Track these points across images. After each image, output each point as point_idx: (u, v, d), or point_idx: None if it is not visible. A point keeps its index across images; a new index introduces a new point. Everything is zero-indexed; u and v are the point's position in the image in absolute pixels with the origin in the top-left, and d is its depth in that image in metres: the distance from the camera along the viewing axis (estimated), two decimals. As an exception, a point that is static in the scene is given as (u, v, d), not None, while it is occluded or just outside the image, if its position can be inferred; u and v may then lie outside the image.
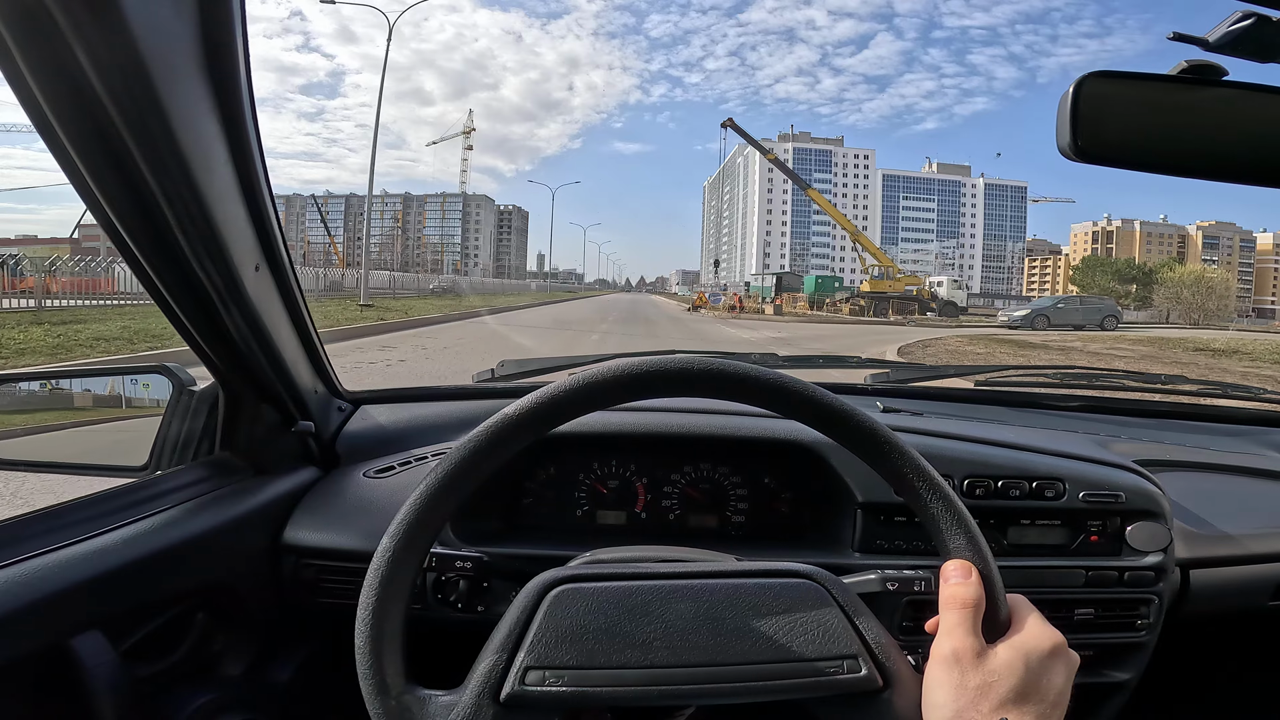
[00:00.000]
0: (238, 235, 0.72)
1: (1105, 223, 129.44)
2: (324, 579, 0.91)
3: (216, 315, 0.77)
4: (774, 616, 0.56)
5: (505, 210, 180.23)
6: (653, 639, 0.55)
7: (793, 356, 1.44)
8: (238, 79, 0.64)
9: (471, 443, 0.56)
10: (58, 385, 1.09)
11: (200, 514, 0.83)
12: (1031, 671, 0.52)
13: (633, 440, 1.01)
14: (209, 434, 0.94)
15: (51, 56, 0.51)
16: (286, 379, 0.92)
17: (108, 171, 0.61)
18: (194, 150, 0.62)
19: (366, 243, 24.22)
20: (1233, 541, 1.05)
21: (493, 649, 0.54)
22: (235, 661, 0.91)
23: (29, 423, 1.05)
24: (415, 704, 0.53)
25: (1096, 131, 0.68)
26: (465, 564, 0.76)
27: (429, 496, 0.56)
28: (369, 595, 0.54)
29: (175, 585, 0.80)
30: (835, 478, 0.94)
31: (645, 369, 0.57)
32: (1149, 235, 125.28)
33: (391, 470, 1.02)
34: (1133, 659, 0.98)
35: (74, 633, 0.69)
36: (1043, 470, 0.96)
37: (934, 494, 0.57)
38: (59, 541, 0.69)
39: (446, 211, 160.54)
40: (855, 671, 0.55)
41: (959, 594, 0.55)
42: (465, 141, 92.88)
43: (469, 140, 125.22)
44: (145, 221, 0.65)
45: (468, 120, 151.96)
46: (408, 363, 8.09)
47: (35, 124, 0.57)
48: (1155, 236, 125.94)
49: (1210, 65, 0.70)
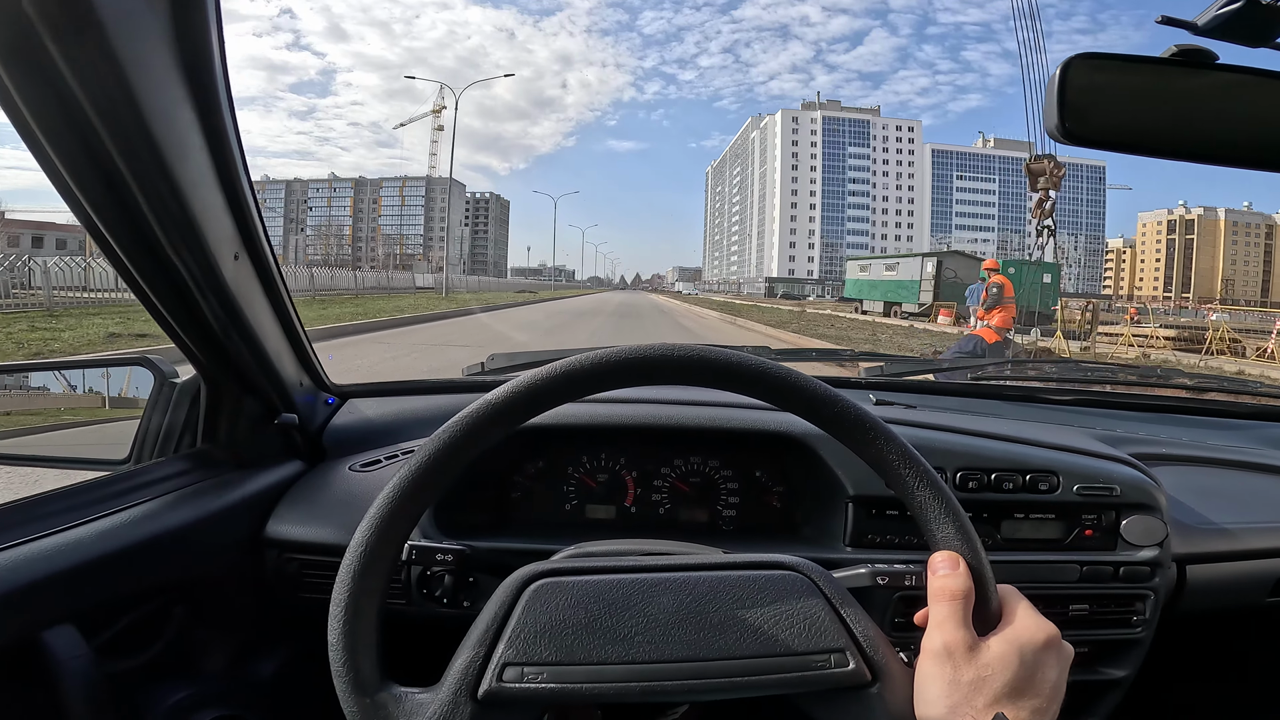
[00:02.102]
0: (215, 223, 0.72)
1: (1183, 210, 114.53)
2: (307, 574, 0.90)
3: (195, 305, 0.77)
4: (758, 609, 0.55)
5: (480, 198, 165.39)
6: (634, 633, 0.54)
7: (785, 350, 1.43)
8: (212, 66, 0.63)
9: (447, 434, 0.55)
10: (37, 379, 1.08)
11: (179, 507, 0.82)
12: (1026, 665, 0.51)
13: (622, 432, 1.00)
14: (191, 427, 0.93)
15: (19, 40, 0.51)
16: (269, 371, 0.91)
17: (80, 158, 0.60)
18: (167, 136, 0.61)
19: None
20: (1230, 537, 1.03)
21: (470, 645, 0.53)
22: (216, 657, 0.90)
23: (8, 416, 1.04)
24: (391, 702, 0.52)
25: (1084, 114, 0.68)
26: (447, 556, 0.75)
27: (403, 489, 0.55)
28: (342, 591, 0.53)
29: (152, 579, 0.78)
30: (827, 471, 0.93)
31: (625, 357, 0.56)
32: (1234, 225, 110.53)
33: (378, 464, 1.01)
34: (1128, 656, 0.97)
35: (45, 626, 0.68)
36: (1036, 463, 0.95)
37: (921, 481, 0.55)
38: (32, 533, 0.68)
39: (407, 198, 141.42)
40: (843, 665, 0.54)
41: (948, 586, 0.54)
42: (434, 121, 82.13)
43: (438, 120, 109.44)
44: (119, 209, 0.65)
45: (437, 97, 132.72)
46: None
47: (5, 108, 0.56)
48: (1240, 226, 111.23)
49: (1200, 50, 0.69)
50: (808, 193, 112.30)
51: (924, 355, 8.14)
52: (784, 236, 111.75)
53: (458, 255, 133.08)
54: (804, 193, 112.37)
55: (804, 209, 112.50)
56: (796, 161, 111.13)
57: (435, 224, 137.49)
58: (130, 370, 0.98)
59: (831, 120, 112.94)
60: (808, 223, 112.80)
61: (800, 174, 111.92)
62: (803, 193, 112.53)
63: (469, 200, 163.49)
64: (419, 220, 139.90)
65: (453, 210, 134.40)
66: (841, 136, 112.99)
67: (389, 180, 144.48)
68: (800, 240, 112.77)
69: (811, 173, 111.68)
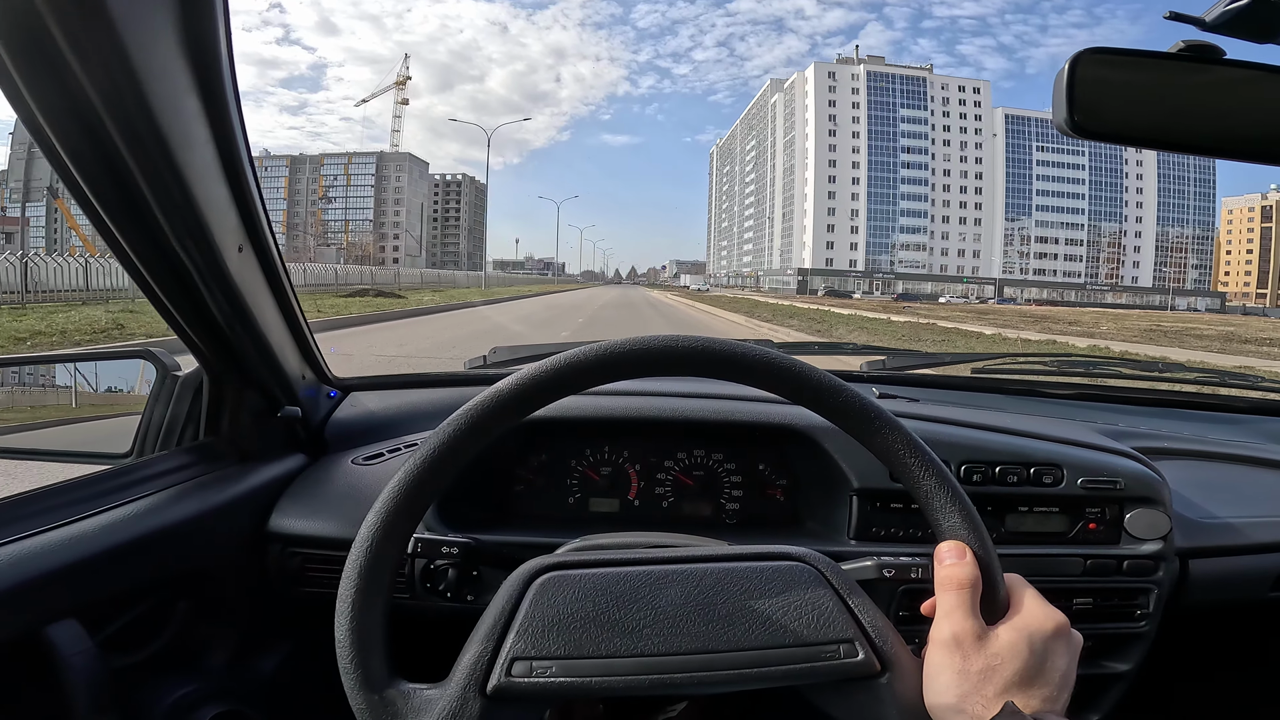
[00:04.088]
0: (220, 215, 0.71)
1: (1277, 195, 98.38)
2: (309, 568, 0.90)
3: (199, 298, 0.76)
4: (766, 600, 0.55)
5: (450, 180, 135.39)
6: (642, 626, 0.53)
7: (786, 343, 1.43)
8: (218, 56, 0.63)
9: (450, 427, 0.55)
10: (40, 371, 1.07)
11: (182, 500, 0.82)
12: (1036, 654, 0.51)
13: (626, 426, 0.99)
14: (193, 420, 0.92)
15: (25, 30, 0.50)
16: (273, 364, 0.91)
17: (85, 149, 0.59)
18: (172, 126, 0.61)
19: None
20: (1232, 531, 1.04)
21: (478, 640, 0.53)
22: (219, 651, 0.89)
23: (10, 410, 1.03)
24: (399, 698, 0.52)
25: (1093, 108, 0.68)
26: (452, 549, 0.75)
27: (410, 483, 0.54)
28: (349, 587, 0.53)
29: (155, 573, 0.78)
30: (831, 463, 0.93)
31: (629, 348, 0.55)
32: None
33: (380, 457, 1.00)
34: (1132, 650, 0.97)
35: (49, 620, 0.67)
36: (1041, 456, 0.95)
37: (926, 470, 0.55)
38: (34, 528, 0.68)
39: (353, 176, 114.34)
40: (852, 656, 0.54)
41: (955, 575, 0.53)
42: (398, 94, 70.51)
43: (402, 93, 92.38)
44: (125, 201, 0.64)
45: (401, 68, 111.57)
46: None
47: (10, 100, 0.56)
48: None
49: (1208, 45, 0.69)
50: (849, 164, 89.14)
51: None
52: (819, 219, 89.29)
53: (419, 245, 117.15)
54: (844, 164, 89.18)
55: (844, 184, 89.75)
56: (835, 125, 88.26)
57: (389, 209, 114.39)
58: (132, 363, 0.97)
59: (879, 77, 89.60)
60: (849, 201, 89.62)
61: (839, 141, 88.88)
62: (842, 164, 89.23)
63: (437, 183, 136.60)
64: (370, 204, 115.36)
65: (413, 193, 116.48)
66: (890, 96, 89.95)
67: (333, 157, 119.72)
68: (840, 223, 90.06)
69: (854, 139, 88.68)
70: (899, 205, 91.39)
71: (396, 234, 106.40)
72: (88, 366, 1.03)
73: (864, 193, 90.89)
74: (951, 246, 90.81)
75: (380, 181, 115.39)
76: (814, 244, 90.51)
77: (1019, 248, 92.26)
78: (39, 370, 1.08)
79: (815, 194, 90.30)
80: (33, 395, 1.04)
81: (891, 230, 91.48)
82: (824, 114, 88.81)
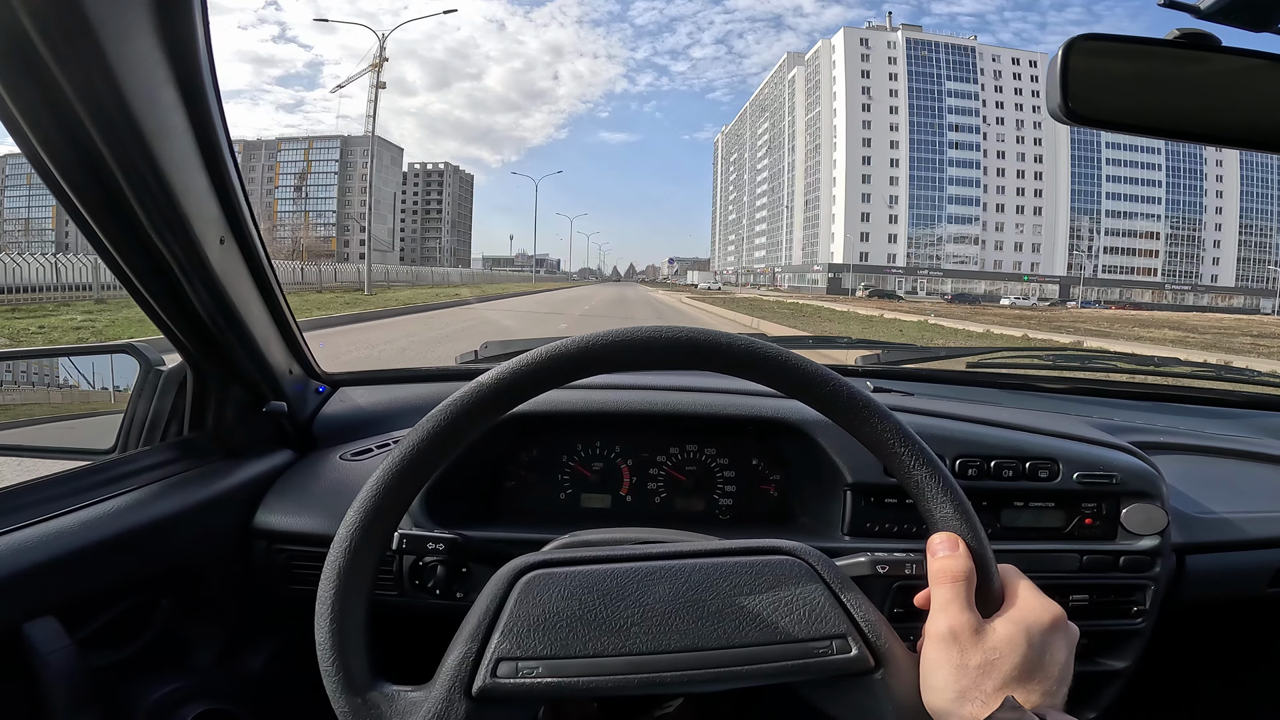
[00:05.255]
0: (199, 206, 0.70)
1: None
2: (296, 565, 0.89)
3: (180, 291, 0.75)
4: (756, 596, 0.54)
5: (432, 170, 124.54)
6: (630, 624, 0.52)
7: (781, 336, 1.42)
8: (195, 47, 0.62)
9: (430, 423, 0.54)
10: (21, 366, 1.06)
11: (165, 496, 0.80)
12: (1034, 646, 0.50)
13: (618, 420, 0.98)
14: (177, 415, 0.91)
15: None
16: (258, 358, 0.90)
17: (60, 139, 0.58)
18: (149, 117, 0.60)
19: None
20: (1229, 526, 1.03)
21: (462, 640, 0.52)
22: (204, 649, 0.88)
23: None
24: (383, 701, 0.51)
25: (1087, 95, 0.68)
26: (439, 545, 0.74)
27: (387, 481, 0.53)
28: (328, 588, 0.51)
29: (138, 570, 0.77)
30: (825, 458, 0.92)
31: (612, 340, 0.54)
32: None
33: (369, 453, 1.00)
34: (1129, 647, 0.96)
35: (26, 618, 0.66)
36: (1036, 450, 0.94)
37: (917, 460, 0.54)
38: (13, 524, 0.67)
39: (314, 162, 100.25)
40: (845, 652, 0.52)
41: (948, 567, 0.53)
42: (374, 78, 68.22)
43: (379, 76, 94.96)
44: (101, 192, 0.63)
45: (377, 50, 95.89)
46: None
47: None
48: None
49: (1203, 33, 0.69)
50: (885, 143, 75.28)
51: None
52: (852, 206, 75.86)
53: (390, 241, 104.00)
54: (880, 144, 75.28)
55: (880, 166, 76.19)
56: (870, 99, 74.43)
57: (356, 201, 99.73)
58: (115, 358, 0.96)
59: (920, 45, 75.00)
60: (886, 185, 75.66)
61: (875, 118, 75.02)
62: (879, 143, 75.39)
63: (416, 172, 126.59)
64: (330, 192, 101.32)
65: (384, 182, 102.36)
66: (934, 67, 75.60)
67: (290, 141, 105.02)
68: (876, 211, 76.62)
69: (892, 115, 74.71)
70: (946, 191, 78.37)
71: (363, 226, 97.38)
72: (70, 362, 1.02)
73: (905, 176, 77.56)
74: (1007, 240, 76.95)
75: (345, 169, 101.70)
76: (845, 236, 77.89)
77: (1088, 240, 78.97)
78: (20, 366, 1.06)
79: (847, 178, 76.91)
80: (14, 391, 1.02)
81: (937, 220, 78.72)
82: (855, 86, 75.55)
